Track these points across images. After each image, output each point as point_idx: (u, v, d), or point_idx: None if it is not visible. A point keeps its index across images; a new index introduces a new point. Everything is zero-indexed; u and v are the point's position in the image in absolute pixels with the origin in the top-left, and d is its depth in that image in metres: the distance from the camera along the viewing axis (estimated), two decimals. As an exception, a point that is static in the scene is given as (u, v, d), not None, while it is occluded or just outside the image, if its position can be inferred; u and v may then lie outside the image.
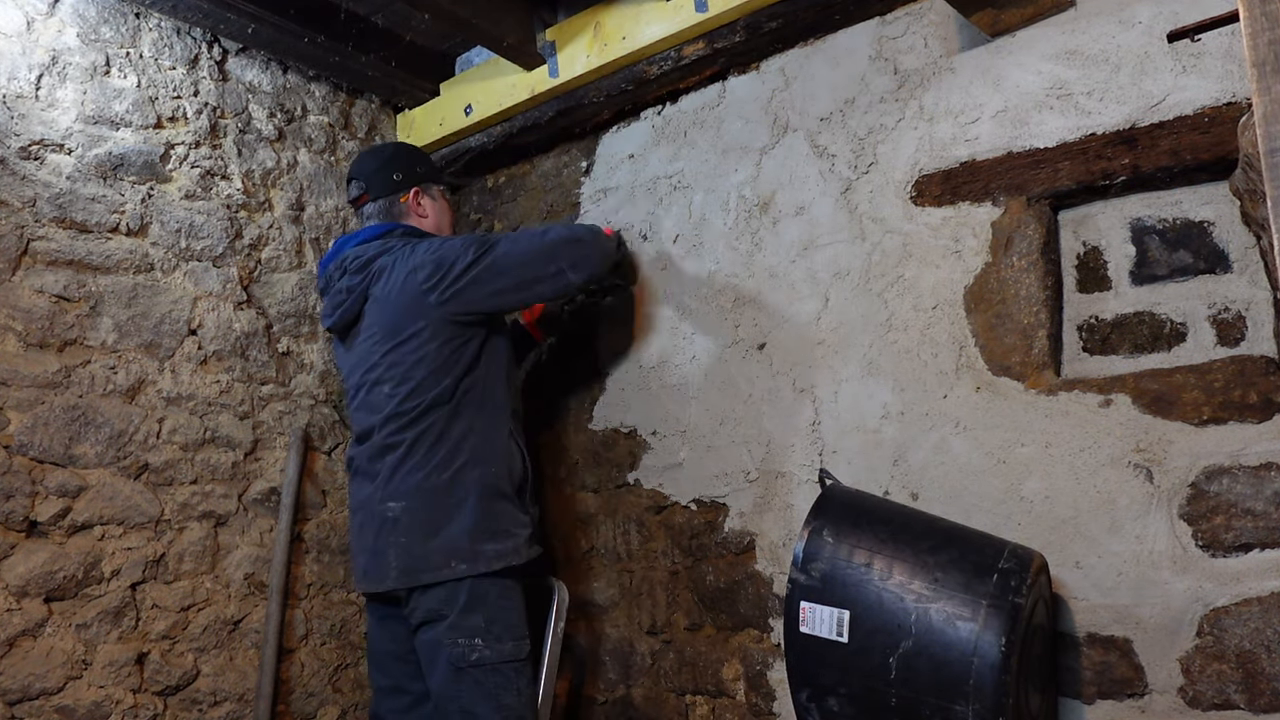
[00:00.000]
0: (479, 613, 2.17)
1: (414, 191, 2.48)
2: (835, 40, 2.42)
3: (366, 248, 2.37)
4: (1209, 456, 1.82)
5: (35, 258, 2.28)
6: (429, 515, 2.20)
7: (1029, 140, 2.08)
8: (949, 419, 2.13)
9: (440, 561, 2.17)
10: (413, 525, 2.20)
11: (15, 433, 2.19)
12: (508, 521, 2.26)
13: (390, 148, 2.60)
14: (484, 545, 2.19)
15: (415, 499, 2.21)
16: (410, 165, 2.52)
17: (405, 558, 2.19)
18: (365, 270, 2.33)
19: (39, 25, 2.36)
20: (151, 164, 2.51)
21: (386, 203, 2.47)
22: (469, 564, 2.17)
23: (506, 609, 2.22)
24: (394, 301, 2.28)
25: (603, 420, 2.79)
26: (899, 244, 2.25)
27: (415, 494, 2.21)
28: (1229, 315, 1.90)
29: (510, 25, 2.62)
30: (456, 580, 2.16)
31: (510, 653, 2.18)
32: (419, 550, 2.18)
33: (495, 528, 2.23)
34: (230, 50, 2.75)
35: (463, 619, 2.15)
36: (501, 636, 2.18)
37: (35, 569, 2.18)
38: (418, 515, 2.20)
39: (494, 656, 2.15)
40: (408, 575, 2.18)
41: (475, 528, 2.19)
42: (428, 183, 2.53)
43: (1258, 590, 1.76)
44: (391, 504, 2.22)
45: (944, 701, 1.66)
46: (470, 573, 2.16)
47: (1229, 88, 1.84)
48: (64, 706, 2.18)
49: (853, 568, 1.79)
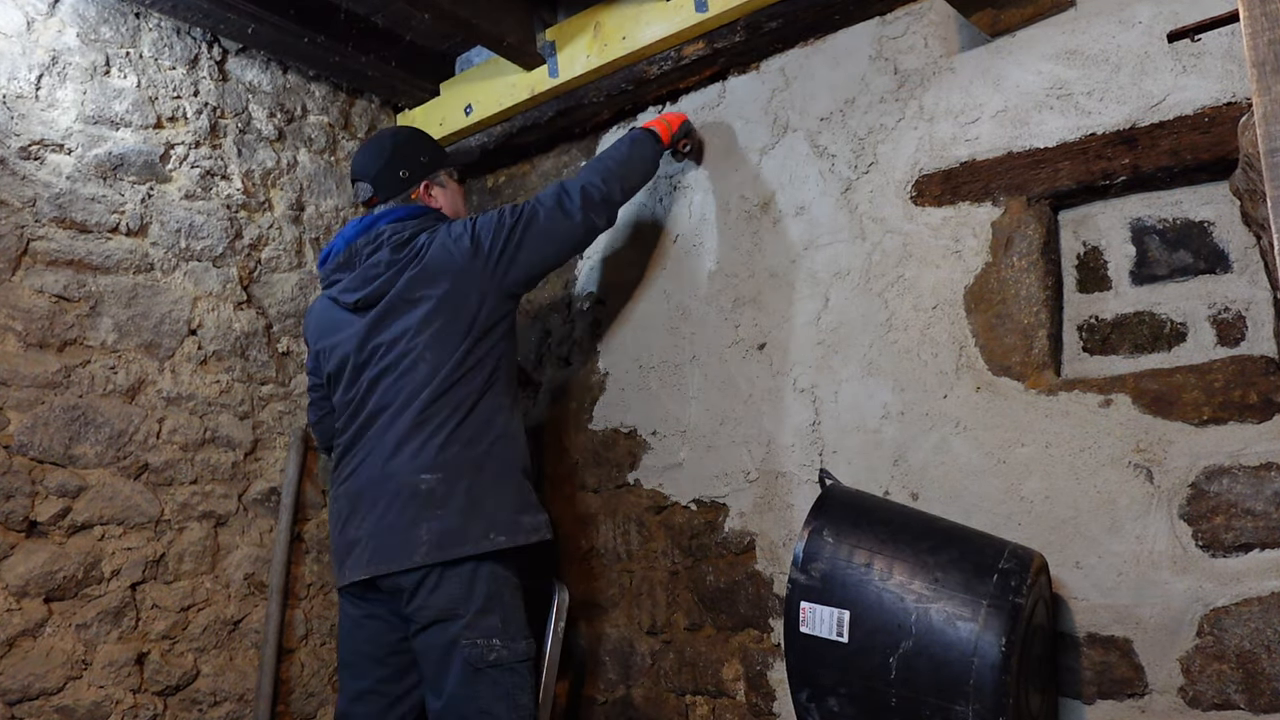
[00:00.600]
0: (495, 613, 2.15)
1: (424, 185, 2.44)
2: (835, 40, 2.42)
3: (404, 225, 2.32)
4: (1209, 456, 1.82)
5: (35, 258, 2.28)
6: (468, 488, 2.17)
7: (1029, 140, 2.08)
8: (949, 419, 2.13)
9: (480, 533, 2.15)
10: (450, 497, 2.16)
11: (15, 433, 2.19)
12: (535, 498, 2.31)
13: (389, 142, 2.45)
14: (523, 517, 2.22)
15: (452, 471, 2.17)
16: (415, 158, 2.44)
17: (440, 532, 2.13)
18: (408, 246, 2.28)
19: (39, 25, 2.36)
20: (151, 164, 2.51)
21: (399, 202, 2.42)
22: (509, 535, 2.17)
23: (517, 608, 2.22)
24: (446, 281, 2.25)
25: (603, 420, 2.79)
26: (899, 244, 2.25)
27: (452, 466, 2.18)
28: (1229, 315, 1.90)
29: (510, 25, 2.62)
30: (479, 561, 2.14)
31: (524, 651, 2.18)
32: (458, 522, 2.14)
33: (529, 501, 2.27)
34: (230, 50, 2.75)
35: (479, 619, 2.13)
36: (515, 636, 2.17)
37: (35, 569, 2.18)
38: (455, 488, 2.16)
39: (510, 656, 2.14)
40: (441, 550, 2.12)
41: (514, 500, 2.22)
42: (434, 171, 2.47)
43: (1258, 590, 1.75)
44: (425, 476, 2.16)
45: (944, 702, 1.66)
46: (510, 544, 2.17)
47: (1229, 88, 1.84)
48: (64, 707, 2.18)
49: (853, 568, 1.79)
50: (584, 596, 2.76)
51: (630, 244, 2.79)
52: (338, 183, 2.96)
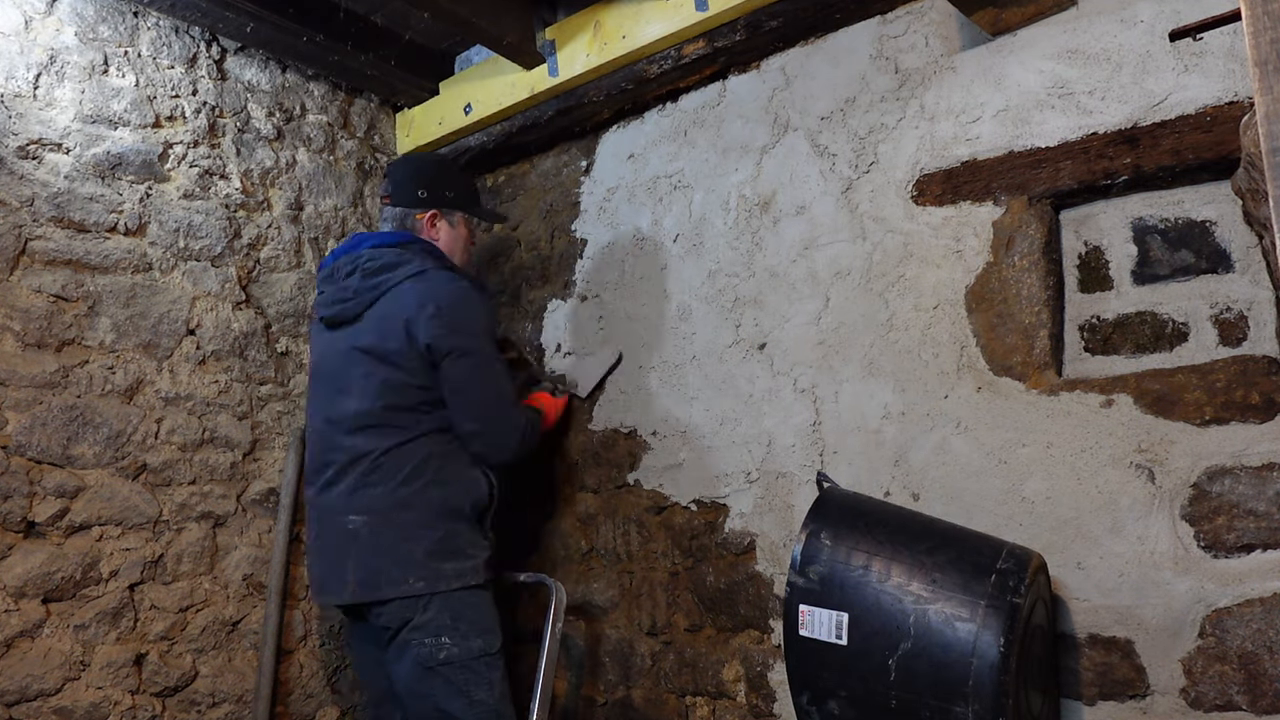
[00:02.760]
0: (445, 612, 2.20)
1: (431, 215, 2.48)
2: (836, 39, 2.41)
3: (383, 252, 2.36)
4: (1211, 457, 1.81)
5: (33, 257, 2.27)
6: (390, 531, 2.22)
7: (1030, 139, 2.07)
8: (950, 419, 2.12)
9: (399, 576, 2.19)
10: (373, 540, 2.21)
11: (13, 433, 2.18)
12: (465, 543, 2.28)
13: (431, 163, 2.65)
14: (443, 564, 2.22)
15: (376, 515, 2.22)
16: (439, 187, 2.50)
17: (363, 571, 2.21)
18: (377, 279, 2.32)
19: (37, 24, 2.35)
20: (150, 163, 2.50)
21: (402, 213, 2.48)
22: (427, 582, 2.19)
23: (472, 605, 2.24)
24: (388, 323, 2.29)
25: (603, 420, 2.79)
26: (900, 243, 2.24)
27: (377, 510, 2.23)
28: (1231, 315, 1.89)
29: (510, 24, 2.61)
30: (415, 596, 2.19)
31: (479, 649, 2.20)
32: (377, 564, 2.20)
33: (453, 547, 2.25)
34: (229, 49, 2.74)
35: (427, 620, 2.18)
36: (468, 634, 2.20)
37: (33, 570, 2.17)
38: (379, 530, 2.22)
39: (462, 654, 2.18)
40: (365, 589, 2.20)
41: (434, 546, 2.22)
42: (451, 209, 2.51)
43: (1260, 591, 1.75)
44: (353, 517, 2.23)
45: (944, 703, 1.65)
46: (429, 590, 2.19)
47: (1231, 87, 1.84)
48: (62, 708, 2.18)
49: (851, 569, 1.78)
50: (584, 597, 2.75)
51: (630, 243, 2.78)
52: (336, 182, 2.95)
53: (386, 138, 3.12)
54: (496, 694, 2.21)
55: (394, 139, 3.14)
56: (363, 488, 2.24)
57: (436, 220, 2.49)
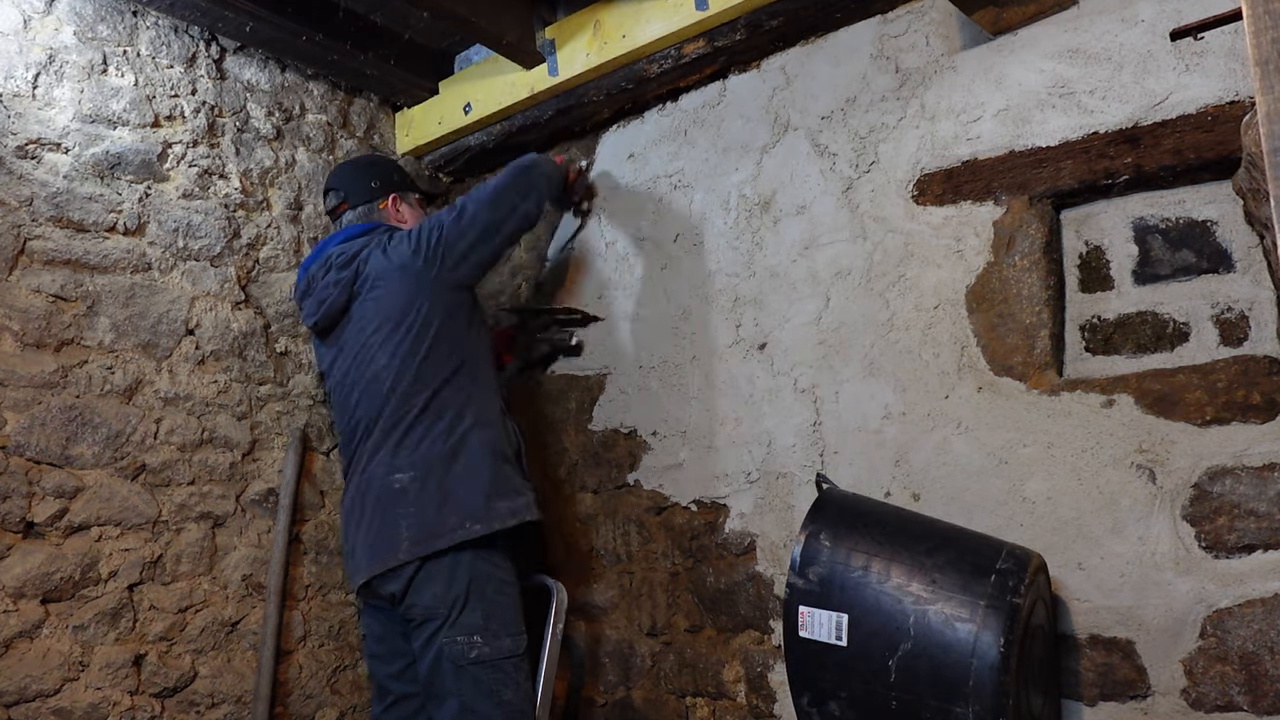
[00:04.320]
0: (476, 609, 2.18)
1: (392, 198, 2.57)
2: (836, 38, 2.41)
3: (350, 245, 2.43)
4: (1212, 457, 1.81)
5: (32, 257, 2.27)
6: (439, 481, 2.23)
7: (1031, 139, 2.07)
8: (951, 419, 2.12)
9: (455, 524, 2.19)
10: (423, 493, 2.22)
11: (12, 433, 2.18)
12: (515, 482, 2.32)
13: (365, 159, 2.72)
14: (497, 503, 2.24)
15: (422, 468, 2.24)
16: (387, 175, 2.61)
17: (417, 527, 2.20)
18: (351, 263, 2.38)
19: (36, 23, 2.35)
20: (149, 163, 2.50)
21: (365, 209, 2.56)
22: (484, 523, 2.20)
23: (503, 604, 2.23)
24: (385, 285, 2.34)
25: (603, 421, 2.78)
26: (900, 243, 2.24)
27: (422, 463, 2.24)
28: (1232, 315, 1.89)
29: (510, 23, 2.61)
30: (458, 550, 2.18)
31: (509, 649, 2.20)
32: (432, 516, 2.20)
33: (505, 487, 2.28)
34: (228, 48, 2.73)
35: (460, 616, 2.17)
36: (499, 633, 2.20)
37: (32, 570, 2.17)
38: (428, 483, 2.23)
39: (493, 653, 2.18)
40: (420, 544, 2.19)
41: (487, 487, 2.24)
42: (404, 191, 2.61)
43: (1261, 591, 1.75)
44: (398, 475, 2.24)
45: (944, 703, 1.65)
46: (485, 530, 2.19)
47: (1232, 86, 1.83)
48: (61, 708, 2.17)
49: (850, 570, 1.78)
50: (584, 598, 2.75)
51: (630, 243, 2.78)
52: (336, 182, 2.95)
53: (386, 137, 3.12)
54: (522, 695, 2.22)
55: (393, 138, 3.13)
56: (404, 446, 2.26)
57: (398, 203, 2.58)
